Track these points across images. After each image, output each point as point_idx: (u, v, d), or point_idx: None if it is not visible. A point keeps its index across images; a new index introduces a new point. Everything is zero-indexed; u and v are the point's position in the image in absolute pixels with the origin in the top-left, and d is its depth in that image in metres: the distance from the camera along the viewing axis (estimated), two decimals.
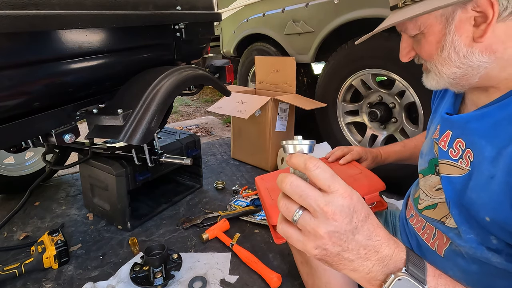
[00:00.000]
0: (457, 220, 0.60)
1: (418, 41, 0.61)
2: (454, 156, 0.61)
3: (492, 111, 0.54)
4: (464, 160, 0.58)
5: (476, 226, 0.55)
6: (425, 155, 0.75)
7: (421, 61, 0.64)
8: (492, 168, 0.52)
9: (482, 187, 0.53)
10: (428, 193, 0.71)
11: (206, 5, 1.42)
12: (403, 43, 0.64)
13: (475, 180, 0.55)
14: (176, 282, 1.10)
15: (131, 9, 1.08)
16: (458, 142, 0.60)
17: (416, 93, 1.52)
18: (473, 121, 0.57)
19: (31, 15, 0.77)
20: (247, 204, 1.55)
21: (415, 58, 0.65)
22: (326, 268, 0.85)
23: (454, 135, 0.62)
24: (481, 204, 0.53)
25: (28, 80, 0.89)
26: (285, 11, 2.22)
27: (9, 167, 1.76)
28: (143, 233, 1.40)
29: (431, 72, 0.62)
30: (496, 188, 0.50)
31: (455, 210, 0.60)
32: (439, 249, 0.65)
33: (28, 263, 1.14)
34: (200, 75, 1.29)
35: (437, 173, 0.69)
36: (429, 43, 0.58)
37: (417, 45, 0.62)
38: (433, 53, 0.59)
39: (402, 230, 0.81)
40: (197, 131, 2.98)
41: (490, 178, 0.52)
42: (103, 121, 1.07)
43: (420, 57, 0.63)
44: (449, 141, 0.63)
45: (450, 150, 0.62)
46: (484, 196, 0.52)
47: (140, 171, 1.39)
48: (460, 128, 0.61)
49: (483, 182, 0.53)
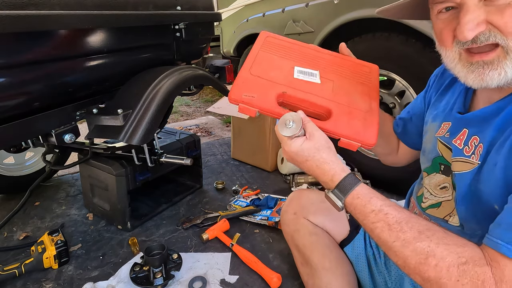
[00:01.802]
0: (462, 217, 0.61)
1: (501, 7, 0.47)
2: (467, 153, 0.61)
3: (505, 104, 0.55)
4: (475, 155, 0.58)
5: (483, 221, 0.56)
6: (428, 153, 0.74)
7: (491, 39, 0.49)
8: (497, 155, 0.53)
9: (488, 176, 0.54)
10: (433, 191, 0.71)
11: (206, 5, 1.42)
12: (471, 13, 0.48)
13: (484, 172, 0.56)
14: (176, 282, 1.10)
15: (131, 9, 1.08)
16: (474, 139, 0.60)
17: (416, 93, 1.52)
18: (492, 116, 0.57)
19: (31, 15, 0.77)
20: (247, 204, 1.55)
21: (481, 36, 0.49)
22: (326, 269, 0.85)
23: (470, 132, 0.61)
24: (489, 193, 0.54)
25: (28, 80, 0.89)
26: (285, 11, 2.22)
27: (9, 167, 1.76)
28: (143, 233, 1.40)
29: (507, 58, 0.49)
30: (498, 174, 0.52)
31: (462, 206, 0.61)
32: None
33: (28, 263, 1.14)
34: (200, 75, 1.29)
35: (441, 172, 0.69)
36: None
37: (497, 13, 0.48)
38: None
39: None
40: (197, 131, 2.98)
41: (494, 165, 0.53)
42: (103, 121, 1.08)
43: (498, 31, 0.48)
44: (465, 139, 0.62)
45: (465, 147, 0.61)
46: (490, 184, 0.54)
47: (140, 171, 1.39)
48: (479, 125, 0.60)
49: (489, 171, 0.54)
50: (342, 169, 0.62)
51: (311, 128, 0.64)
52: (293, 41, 0.86)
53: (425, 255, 0.49)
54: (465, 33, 0.49)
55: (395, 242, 0.53)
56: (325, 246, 0.88)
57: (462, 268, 0.46)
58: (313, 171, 0.63)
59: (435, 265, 0.48)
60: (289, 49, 0.83)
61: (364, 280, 0.89)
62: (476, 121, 0.61)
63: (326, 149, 0.63)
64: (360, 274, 0.89)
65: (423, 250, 0.50)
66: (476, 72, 0.52)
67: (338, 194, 0.60)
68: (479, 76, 0.52)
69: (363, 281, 0.89)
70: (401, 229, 0.53)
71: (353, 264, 0.90)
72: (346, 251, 0.90)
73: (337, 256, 0.87)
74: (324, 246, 0.88)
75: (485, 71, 0.51)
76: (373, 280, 0.88)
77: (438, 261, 0.48)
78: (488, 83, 0.51)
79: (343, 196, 0.60)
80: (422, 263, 0.49)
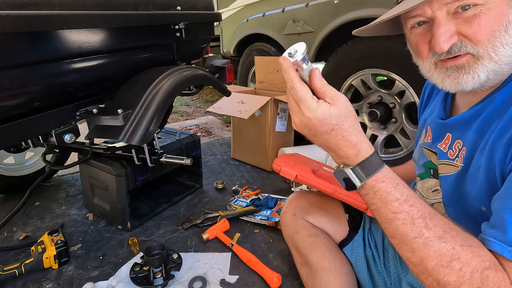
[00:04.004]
0: (452, 218, 0.62)
1: (468, 19, 0.51)
2: (451, 156, 0.63)
3: (482, 108, 0.57)
4: (459, 158, 0.61)
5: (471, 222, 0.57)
6: (419, 160, 0.77)
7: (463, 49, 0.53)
8: (480, 158, 0.54)
9: (474, 178, 0.56)
10: (425, 194, 0.73)
11: (206, 5, 1.42)
12: (442, 27, 0.52)
13: (469, 174, 0.57)
14: (176, 282, 1.10)
15: (131, 9, 1.07)
16: (457, 143, 0.62)
17: (416, 93, 1.52)
18: (471, 120, 0.60)
19: (31, 15, 0.77)
20: (247, 204, 1.55)
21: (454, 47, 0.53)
22: (326, 269, 0.85)
23: (454, 136, 0.64)
24: (475, 195, 0.56)
25: (28, 80, 0.89)
26: (285, 11, 2.22)
27: (9, 167, 1.76)
28: (143, 233, 1.40)
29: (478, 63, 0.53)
30: (482, 176, 0.53)
31: (450, 208, 0.62)
32: None
33: (28, 263, 1.14)
34: (200, 75, 1.29)
35: (432, 175, 0.71)
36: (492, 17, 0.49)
37: (466, 25, 0.51)
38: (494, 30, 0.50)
39: None
40: (197, 131, 2.98)
41: (478, 168, 0.55)
42: (103, 121, 1.07)
43: (469, 41, 0.52)
44: (449, 143, 0.65)
45: (450, 151, 0.64)
46: (476, 187, 0.55)
47: (140, 171, 1.39)
48: (460, 129, 0.62)
49: (474, 174, 0.56)
50: (370, 145, 0.54)
51: (333, 91, 0.53)
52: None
53: (449, 258, 0.45)
54: (440, 44, 0.53)
55: (416, 238, 0.48)
56: (325, 247, 0.88)
57: (486, 273, 0.44)
58: (335, 143, 0.53)
59: (459, 269, 0.45)
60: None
61: (363, 280, 0.89)
62: (458, 126, 0.63)
63: (354, 117, 0.54)
64: (359, 275, 0.90)
65: (448, 252, 0.46)
66: (452, 76, 0.56)
67: (359, 173, 0.52)
68: (455, 80, 0.55)
69: (362, 281, 0.90)
70: (426, 225, 0.48)
71: (353, 265, 0.90)
72: (346, 251, 0.91)
73: (337, 257, 0.87)
74: (323, 247, 0.88)
75: (460, 75, 0.55)
76: (372, 280, 0.89)
77: (463, 266, 0.45)
78: (464, 86, 0.55)
79: (365, 176, 0.52)
80: (443, 266, 0.45)
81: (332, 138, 0.53)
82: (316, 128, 0.52)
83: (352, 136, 0.52)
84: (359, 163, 0.52)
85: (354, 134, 0.52)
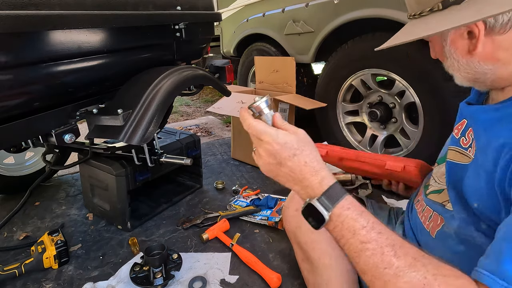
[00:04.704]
0: (453, 201, 0.63)
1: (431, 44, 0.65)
2: (464, 145, 0.64)
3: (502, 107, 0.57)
4: (472, 149, 0.61)
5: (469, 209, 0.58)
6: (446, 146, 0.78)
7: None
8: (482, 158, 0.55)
9: (474, 175, 0.56)
10: (438, 179, 0.74)
11: (206, 5, 1.42)
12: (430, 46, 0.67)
13: (472, 169, 0.58)
14: (176, 282, 1.10)
15: (131, 9, 1.08)
16: (470, 131, 0.63)
17: (416, 93, 1.52)
18: (480, 112, 0.61)
19: (31, 15, 0.77)
20: (247, 204, 1.55)
21: None
22: (327, 265, 0.85)
23: (468, 124, 0.65)
24: (471, 191, 0.57)
25: (28, 80, 0.89)
26: (285, 11, 2.22)
27: (9, 167, 1.76)
28: (143, 233, 1.40)
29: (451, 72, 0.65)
30: (483, 176, 0.54)
31: (452, 192, 0.63)
32: (432, 230, 0.69)
33: (28, 263, 1.14)
34: (200, 75, 1.29)
35: None
36: (437, 51, 0.63)
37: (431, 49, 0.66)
38: (442, 59, 0.63)
39: (406, 214, 0.84)
40: (197, 131, 2.98)
41: (480, 167, 0.55)
42: (103, 121, 1.07)
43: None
44: (462, 129, 0.66)
45: (462, 138, 0.65)
46: (474, 184, 0.56)
47: (140, 171, 1.39)
48: (472, 118, 0.64)
49: (475, 171, 0.56)
50: (329, 173, 0.54)
51: (294, 127, 0.56)
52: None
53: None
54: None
55: (386, 269, 0.45)
56: (326, 243, 0.88)
57: None
58: (299, 170, 0.53)
59: None
60: None
61: None
62: (471, 114, 0.65)
63: (314, 146, 0.56)
64: None
65: (419, 282, 0.43)
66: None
67: (325, 202, 0.51)
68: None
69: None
70: (395, 253, 0.45)
71: None
72: None
73: (338, 253, 0.87)
74: (325, 243, 0.88)
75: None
76: None
77: None
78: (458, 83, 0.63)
79: (331, 206, 0.50)
80: None
81: (295, 164, 0.53)
82: (279, 153, 0.53)
83: (314, 163, 0.54)
84: (324, 192, 0.51)
85: (315, 161, 0.54)
